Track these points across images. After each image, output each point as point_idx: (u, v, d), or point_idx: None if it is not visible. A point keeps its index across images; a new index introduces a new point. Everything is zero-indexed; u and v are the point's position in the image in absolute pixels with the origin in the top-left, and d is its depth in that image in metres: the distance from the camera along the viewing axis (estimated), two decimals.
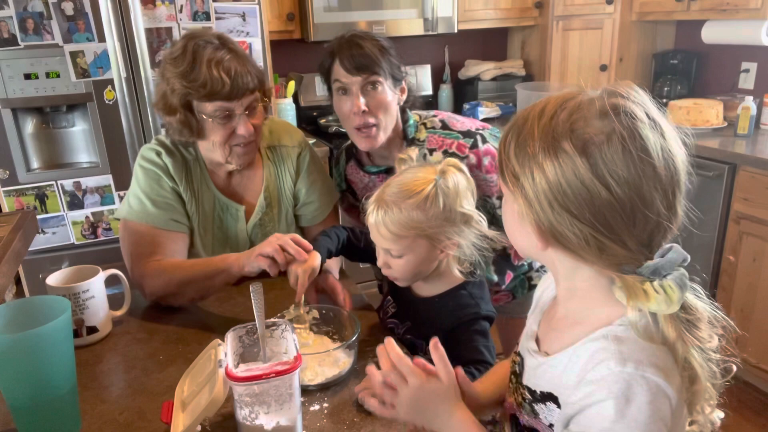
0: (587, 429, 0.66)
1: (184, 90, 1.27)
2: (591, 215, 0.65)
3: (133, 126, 2.24)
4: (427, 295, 1.19)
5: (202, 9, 2.24)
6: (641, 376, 0.64)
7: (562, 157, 0.65)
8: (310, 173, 1.52)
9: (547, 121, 0.67)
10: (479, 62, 3.36)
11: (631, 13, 3.00)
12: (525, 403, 0.80)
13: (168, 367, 1.14)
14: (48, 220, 2.25)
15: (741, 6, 2.49)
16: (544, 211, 0.67)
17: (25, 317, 0.93)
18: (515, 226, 0.74)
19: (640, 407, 0.63)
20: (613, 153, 0.63)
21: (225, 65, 1.26)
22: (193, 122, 1.31)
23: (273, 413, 0.89)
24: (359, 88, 1.39)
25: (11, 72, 2.08)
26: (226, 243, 1.47)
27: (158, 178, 1.38)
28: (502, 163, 0.71)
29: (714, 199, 2.40)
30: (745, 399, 2.37)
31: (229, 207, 1.45)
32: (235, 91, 1.27)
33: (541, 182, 0.66)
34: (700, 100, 2.75)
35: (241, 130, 1.32)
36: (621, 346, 0.66)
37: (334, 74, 1.42)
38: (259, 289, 1.04)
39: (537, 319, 0.85)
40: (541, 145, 0.66)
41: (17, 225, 1.31)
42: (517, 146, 0.69)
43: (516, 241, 0.77)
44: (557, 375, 0.73)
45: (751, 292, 2.31)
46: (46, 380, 0.90)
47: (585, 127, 0.65)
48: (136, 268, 1.34)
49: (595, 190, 0.64)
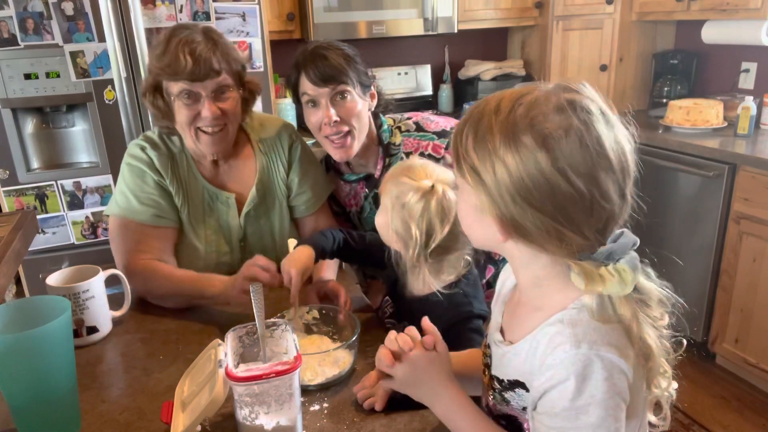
0: (550, 409, 0.70)
1: (156, 71, 1.31)
2: (552, 207, 0.67)
3: (133, 126, 2.24)
4: (424, 294, 1.19)
5: (202, 9, 2.24)
6: (596, 354, 0.67)
7: (522, 152, 0.66)
8: (302, 164, 1.53)
9: (504, 116, 0.68)
10: (479, 62, 3.36)
11: (631, 13, 3.00)
12: (495, 393, 0.82)
13: (168, 367, 1.14)
14: (48, 220, 2.25)
15: (741, 6, 2.49)
16: (507, 204, 0.68)
17: (25, 317, 0.93)
18: (472, 218, 0.75)
19: (597, 384, 0.67)
20: (572, 147, 0.66)
21: (192, 47, 1.28)
22: (161, 103, 1.34)
23: (273, 413, 0.89)
24: (328, 100, 1.39)
25: (11, 72, 2.08)
26: (220, 231, 1.47)
27: (142, 174, 1.39)
28: (460, 157, 0.72)
29: (714, 199, 2.40)
30: (745, 399, 2.37)
31: (219, 195, 1.45)
32: (197, 73, 1.28)
33: (503, 177, 0.67)
34: (700, 100, 2.75)
35: (204, 112, 1.32)
36: (575, 329, 0.69)
37: (301, 87, 1.43)
38: (259, 289, 1.04)
39: (500, 310, 0.87)
40: (502, 140, 0.67)
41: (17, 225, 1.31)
42: (475, 141, 0.70)
43: (473, 233, 0.78)
44: (521, 362, 0.75)
45: (751, 292, 2.31)
46: (46, 380, 0.90)
47: (544, 122, 0.66)
48: (124, 264, 1.36)
49: (556, 183, 0.66)
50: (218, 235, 1.47)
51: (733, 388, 2.44)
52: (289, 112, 2.85)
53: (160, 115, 1.37)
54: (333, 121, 1.39)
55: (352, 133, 1.43)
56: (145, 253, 1.36)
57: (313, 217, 1.55)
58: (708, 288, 2.48)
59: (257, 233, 1.51)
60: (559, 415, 0.69)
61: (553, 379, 0.69)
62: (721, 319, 2.45)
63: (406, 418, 0.96)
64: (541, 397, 0.71)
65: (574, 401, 0.67)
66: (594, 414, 0.67)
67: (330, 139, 1.43)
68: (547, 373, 0.70)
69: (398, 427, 0.95)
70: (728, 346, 2.44)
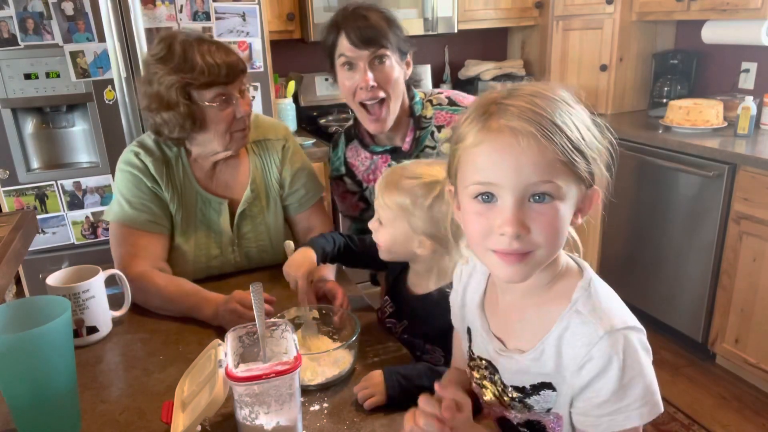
0: (596, 398, 0.70)
1: (183, 81, 1.29)
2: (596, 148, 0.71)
3: (133, 126, 2.24)
4: (423, 293, 1.19)
5: (202, 9, 2.24)
6: (624, 329, 0.70)
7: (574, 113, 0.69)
8: (294, 162, 1.54)
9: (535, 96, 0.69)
10: (479, 62, 3.36)
11: (631, 13, 3.00)
12: (515, 402, 0.80)
13: (168, 367, 1.14)
14: (48, 220, 2.25)
15: (741, 6, 2.49)
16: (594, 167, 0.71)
17: (25, 317, 0.93)
18: (566, 224, 0.71)
19: (634, 356, 0.69)
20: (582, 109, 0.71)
21: (215, 52, 1.31)
22: (196, 111, 1.33)
23: (273, 413, 0.89)
24: (366, 63, 1.34)
25: (11, 72, 2.08)
26: (210, 236, 1.48)
27: (136, 180, 1.40)
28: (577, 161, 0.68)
29: (714, 199, 2.40)
30: (745, 399, 2.37)
31: (211, 202, 1.46)
32: (230, 75, 1.32)
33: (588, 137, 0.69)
34: (700, 100, 2.75)
35: (240, 112, 1.35)
36: (596, 314, 0.71)
37: (339, 48, 1.37)
38: (259, 289, 1.04)
39: (482, 318, 0.84)
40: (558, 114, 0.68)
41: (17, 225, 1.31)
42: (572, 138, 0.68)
43: (562, 241, 0.72)
44: (546, 364, 0.74)
45: (751, 292, 2.31)
46: (46, 380, 0.90)
47: (558, 89, 0.71)
48: (122, 270, 1.35)
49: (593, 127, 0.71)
50: (209, 239, 1.48)
51: (733, 388, 2.44)
52: (289, 112, 2.85)
53: (190, 123, 1.33)
54: (370, 85, 1.35)
55: (387, 102, 1.39)
56: (141, 258, 1.37)
57: (306, 215, 1.56)
58: (708, 288, 2.48)
59: (252, 232, 1.51)
60: (609, 400, 0.70)
61: (596, 368, 0.70)
62: (721, 319, 2.45)
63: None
64: (584, 391, 0.72)
65: (620, 381, 0.69)
66: (639, 384, 0.69)
67: (366, 107, 1.40)
68: (587, 365, 0.70)
69: (398, 427, 0.95)
70: (728, 346, 2.44)
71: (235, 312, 1.20)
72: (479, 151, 0.69)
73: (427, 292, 1.18)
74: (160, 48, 1.32)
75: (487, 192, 0.69)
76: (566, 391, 0.74)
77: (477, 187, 0.70)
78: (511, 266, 0.70)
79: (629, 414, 0.70)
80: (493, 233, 0.69)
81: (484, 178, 0.69)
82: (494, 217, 0.68)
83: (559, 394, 0.75)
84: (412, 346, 1.20)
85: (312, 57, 3.11)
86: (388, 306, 1.27)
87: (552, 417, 0.77)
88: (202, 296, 1.30)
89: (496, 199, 0.69)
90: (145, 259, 1.37)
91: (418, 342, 1.20)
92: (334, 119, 3.02)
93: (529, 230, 0.67)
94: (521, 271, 0.70)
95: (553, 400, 0.75)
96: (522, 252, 0.68)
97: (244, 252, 1.52)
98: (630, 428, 0.71)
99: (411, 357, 1.16)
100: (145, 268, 1.36)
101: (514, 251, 0.68)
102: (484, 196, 0.69)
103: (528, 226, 0.67)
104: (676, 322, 2.68)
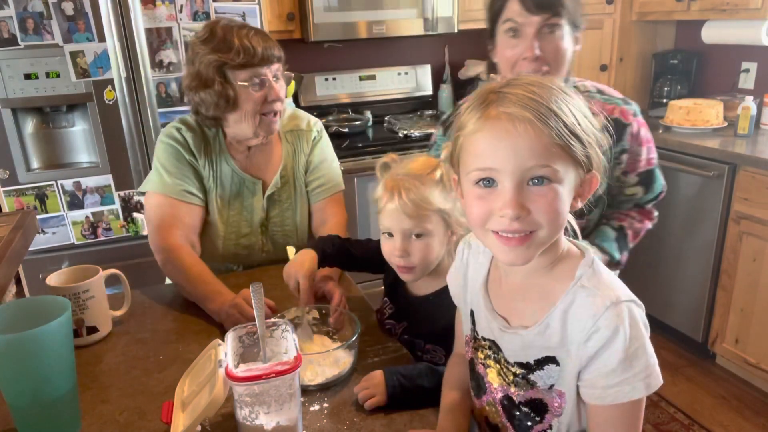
0: (604, 368, 0.73)
1: (220, 61, 1.37)
2: (597, 138, 0.73)
3: (133, 126, 2.24)
4: (423, 294, 1.19)
5: (202, 9, 2.24)
6: (626, 303, 0.73)
7: (570, 101, 0.71)
8: (321, 151, 1.62)
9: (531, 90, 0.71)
10: (479, 62, 3.36)
11: (631, 13, 3.00)
12: (518, 379, 0.82)
13: (168, 367, 1.14)
14: (48, 220, 2.25)
15: (741, 6, 2.49)
16: (590, 154, 0.72)
17: (25, 317, 0.93)
18: (566, 206, 0.74)
19: (637, 326, 0.72)
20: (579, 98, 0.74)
21: (253, 37, 1.39)
22: (230, 91, 1.39)
23: (273, 413, 0.89)
24: (536, 30, 1.23)
25: (11, 72, 2.08)
26: (243, 213, 1.54)
27: (176, 152, 1.46)
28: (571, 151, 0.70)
29: (714, 199, 2.40)
30: (745, 399, 2.37)
31: (246, 181, 1.53)
32: (265, 58, 1.38)
33: (586, 125, 0.71)
34: (700, 100, 2.75)
35: (271, 95, 1.42)
36: (601, 289, 0.74)
37: (506, 13, 1.26)
38: (259, 289, 1.04)
39: (485, 299, 0.86)
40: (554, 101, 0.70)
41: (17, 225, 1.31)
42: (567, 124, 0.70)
43: (563, 222, 0.75)
44: (551, 337, 0.77)
45: (751, 292, 2.31)
46: (46, 380, 0.90)
47: (553, 83, 0.73)
48: (156, 239, 1.41)
49: (591, 118, 0.73)
50: (240, 217, 1.54)
51: (733, 388, 2.44)
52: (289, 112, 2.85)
53: (224, 103, 1.40)
54: (535, 55, 1.23)
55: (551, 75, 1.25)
56: (176, 228, 1.42)
57: (321, 205, 1.60)
58: (708, 288, 2.48)
59: (279, 216, 1.57)
60: (615, 370, 0.72)
61: (603, 338, 0.72)
62: (721, 319, 2.45)
63: (406, 418, 0.96)
64: (591, 362, 0.74)
65: (627, 350, 0.71)
66: (643, 355, 0.72)
67: None
68: (594, 336, 0.72)
69: (398, 427, 0.95)
70: (728, 346, 2.44)
71: (236, 307, 1.21)
72: (478, 138, 0.72)
73: (426, 293, 1.18)
74: (204, 31, 1.40)
75: (488, 177, 0.72)
76: (570, 366, 0.76)
77: (477, 173, 0.72)
78: (512, 250, 0.72)
79: (635, 384, 0.72)
80: (494, 215, 0.72)
81: (483, 164, 0.71)
82: (495, 201, 0.71)
83: (563, 369, 0.76)
84: (412, 346, 1.20)
85: (312, 57, 3.11)
86: (387, 307, 1.27)
87: (554, 395, 0.79)
88: (216, 289, 1.31)
89: (497, 183, 0.71)
90: (180, 230, 1.42)
91: (418, 342, 1.20)
92: (334, 119, 3.03)
93: (530, 212, 0.70)
94: (523, 254, 0.73)
95: (557, 375, 0.77)
96: (522, 233, 0.71)
97: (270, 236, 1.57)
98: (635, 400, 0.73)
99: (411, 357, 1.16)
100: (178, 242, 1.40)
101: (515, 230, 0.71)
102: (485, 181, 0.72)
103: (528, 208, 0.70)
104: (676, 322, 2.68)
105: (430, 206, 1.06)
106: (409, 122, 3.05)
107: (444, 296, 1.15)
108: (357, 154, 2.68)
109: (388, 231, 1.12)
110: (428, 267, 1.13)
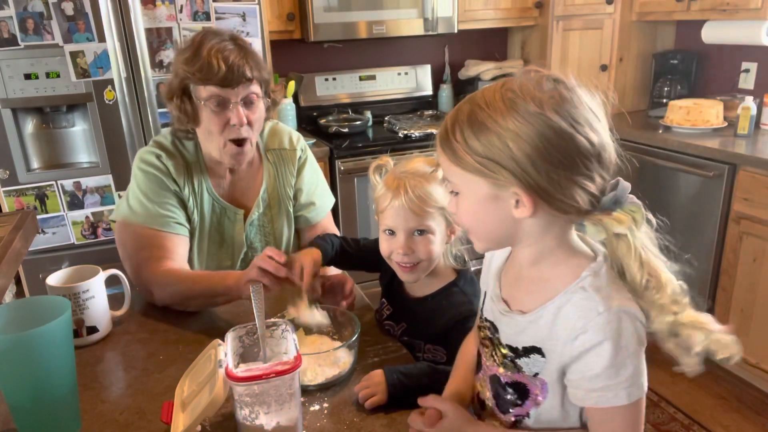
0: (589, 371, 0.74)
1: (184, 74, 1.30)
2: (569, 160, 0.72)
3: (133, 126, 2.24)
4: (421, 295, 1.19)
5: (202, 9, 2.24)
6: (623, 311, 0.74)
7: (530, 118, 0.71)
8: (309, 175, 1.54)
9: (498, 100, 0.72)
10: (479, 62, 3.36)
11: (631, 13, 3.00)
12: (506, 361, 0.84)
13: (168, 367, 1.14)
14: (48, 220, 2.25)
15: (741, 6, 2.49)
16: (530, 173, 0.72)
17: (25, 317, 0.93)
18: (484, 211, 0.78)
19: (629, 337, 0.73)
20: (568, 104, 0.72)
21: (224, 54, 1.27)
22: (188, 107, 1.32)
23: (273, 413, 0.89)
24: None
25: (11, 72, 2.08)
26: (222, 245, 1.47)
27: (160, 181, 1.37)
28: (459, 157, 0.75)
29: (714, 199, 2.40)
30: (745, 399, 2.37)
31: (227, 210, 1.45)
32: (229, 79, 1.27)
33: (519, 148, 0.71)
34: (700, 100, 2.75)
35: (233, 119, 1.30)
36: (601, 293, 0.75)
37: None
38: (259, 289, 1.04)
39: (495, 284, 0.90)
40: (507, 117, 0.71)
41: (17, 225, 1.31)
42: (475, 133, 0.73)
43: (485, 227, 0.80)
44: (538, 329, 0.79)
45: (751, 292, 2.31)
46: (46, 380, 0.90)
47: (537, 92, 0.72)
48: (143, 274, 1.33)
49: (568, 136, 0.71)
50: (220, 249, 1.47)
51: (733, 388, 2.44)
52: (289, 112, 2.85)
53: (185, 119, 1.34)
54: None
55: None
56: (168, 260, 1.33)
57: (318, 227, 1.56)
58: (708, 288, 2.48)
59: (263, 241, 1.50)
60: (600, 376, 0.74)
61: (589, 341, 0.73)
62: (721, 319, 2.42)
63: (406, 417, 0.96)
64: (575, 361, 0.75)
65: (614, 358, 0.73)
66: (630, 365, 0.73)
67: None
68: (581, 337, 0.74)
69: (398, 427, 0.95)
70: None
71: (263, 259, 1.15)
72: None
73: (424, 294, 1.18)
74: (188, 40, 1.33)
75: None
76: (555, 360, 0.78)
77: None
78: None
79: (617, 392, 0.74)
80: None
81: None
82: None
83: (548, 361, 0.79)
84: (412, 347, 1.20)
85: (312, 57, 3.12)
86: (386, 308, 1.27)
87: (538, 382, 0.81)
88: (224, 272, 1.29)
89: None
90: (173, 262, 1.34)
91: (418, 343, 1.19)
92: (334, 119, 3.03)
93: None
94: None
95: (541, 365, 0.80)
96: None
97: None
98: (616, 407, 0.74)
99: (411, 357, 1.16)
100: (166, 266, 1.32)
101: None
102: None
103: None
104: None
105: (435, 203, 1.08)
106: (409, 122, 3.05)
107: (442, 297, 1.15)
108: (357, 154, 2.68)
109: (390, 229, 1.12)
110: (431, 264, 1.13)
